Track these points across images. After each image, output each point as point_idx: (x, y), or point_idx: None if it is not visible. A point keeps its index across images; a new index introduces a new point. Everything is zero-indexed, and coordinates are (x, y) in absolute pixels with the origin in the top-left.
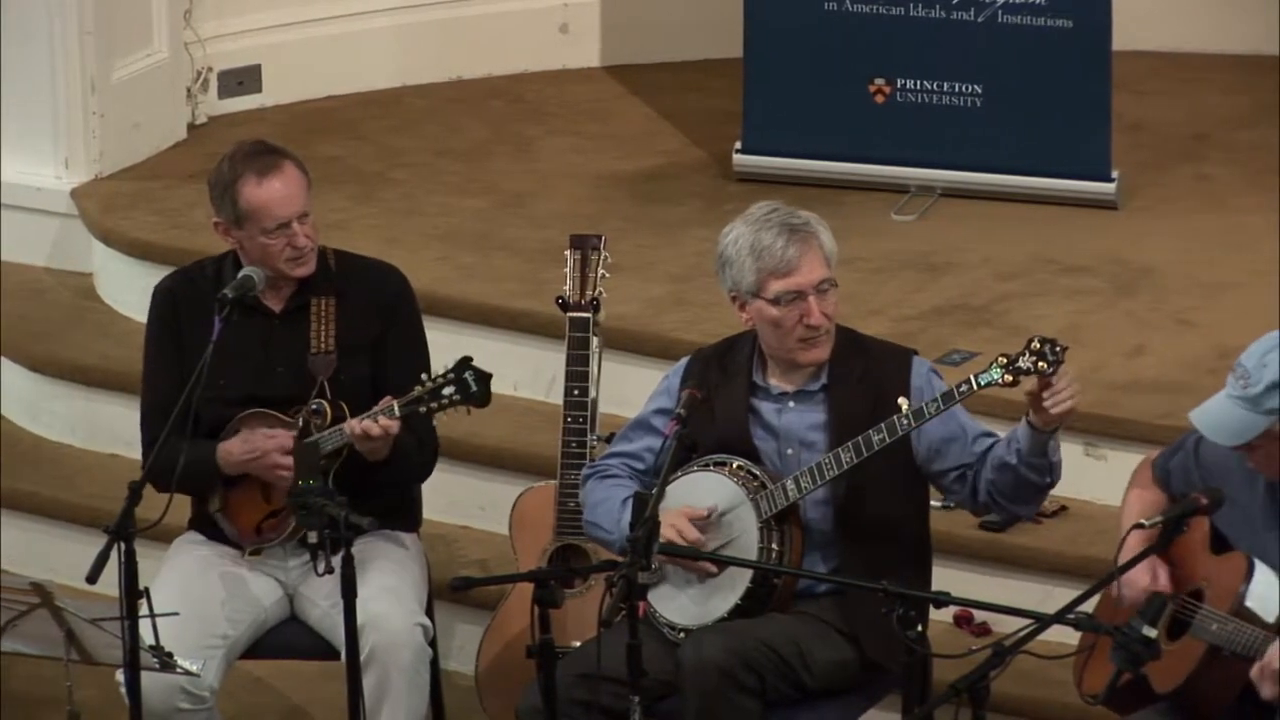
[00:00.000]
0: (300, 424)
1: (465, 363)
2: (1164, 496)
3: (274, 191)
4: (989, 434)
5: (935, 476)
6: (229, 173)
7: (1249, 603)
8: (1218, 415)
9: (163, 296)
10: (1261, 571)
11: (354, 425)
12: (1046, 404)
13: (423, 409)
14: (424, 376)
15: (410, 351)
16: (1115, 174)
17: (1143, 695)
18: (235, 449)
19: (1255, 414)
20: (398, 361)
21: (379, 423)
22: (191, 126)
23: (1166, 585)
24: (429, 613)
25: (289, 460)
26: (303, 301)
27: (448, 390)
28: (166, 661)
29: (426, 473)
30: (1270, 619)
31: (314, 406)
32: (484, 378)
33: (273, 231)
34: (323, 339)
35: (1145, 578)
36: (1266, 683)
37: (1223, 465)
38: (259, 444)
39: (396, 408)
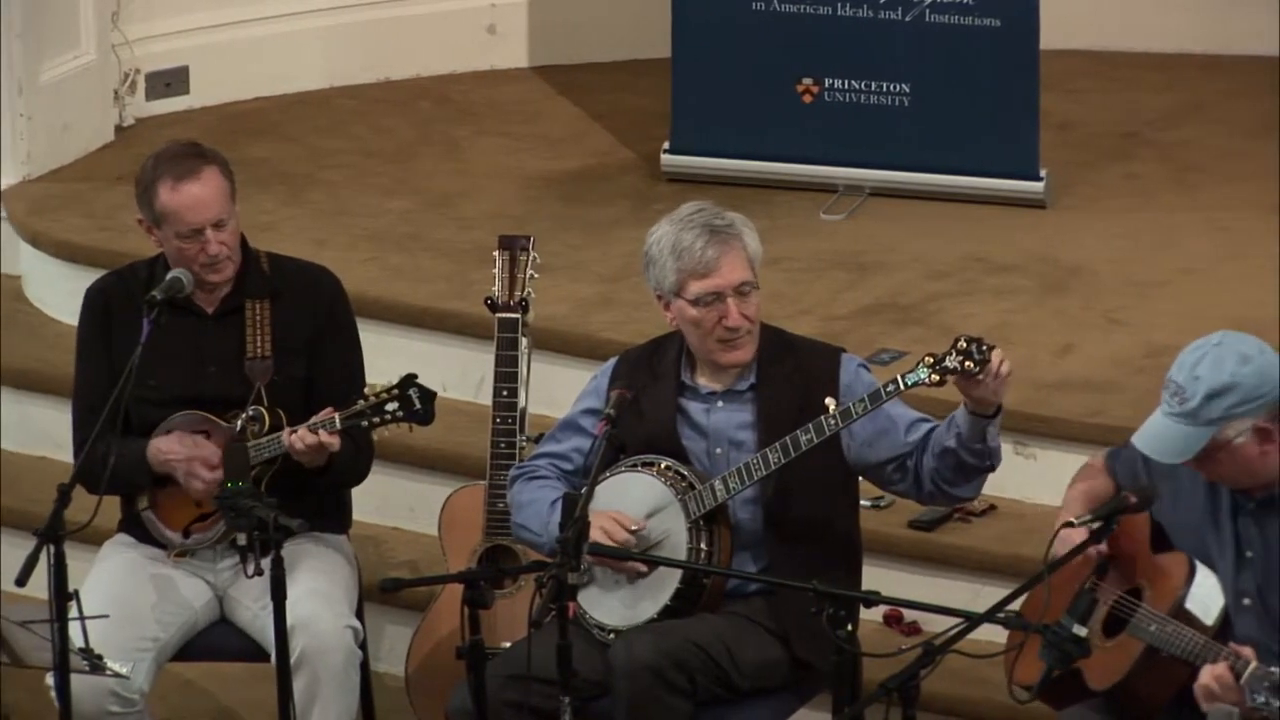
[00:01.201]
0: (238, 429)
1: (410, 379)
2: (1112, 488)
3: (188, 197)
4: (924, 419)
5: (872, 470)
6: (150, 172)
7: (1189, 605)
8: (1160, 435)
9: (94, 297)
10: (1202, 574)
11: (293, 439)
12: (982, 387)
13: (364, 423)
14: (366, 390)
15: (345, 354)
16: (1044, 173)
17: (1077, 689)
18: (164, 446)
19: (1196, 427)
20: (333, 364)
21: (320, 437)
22: (119, 128)
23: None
24: (359, 614)
25: (208, 474)
26: (237, 304)
27: (391, 406)
28: (96, 664)
29: (361, 478)
30: (1209, 622)
31: (251, 413)
32: (429, 396)
33: (186, 236)
34: (259, 344)
35: (1082, 566)
36: (1206, 700)
37: (1169, 464)
38: (185, 450)
39: (338, 421)
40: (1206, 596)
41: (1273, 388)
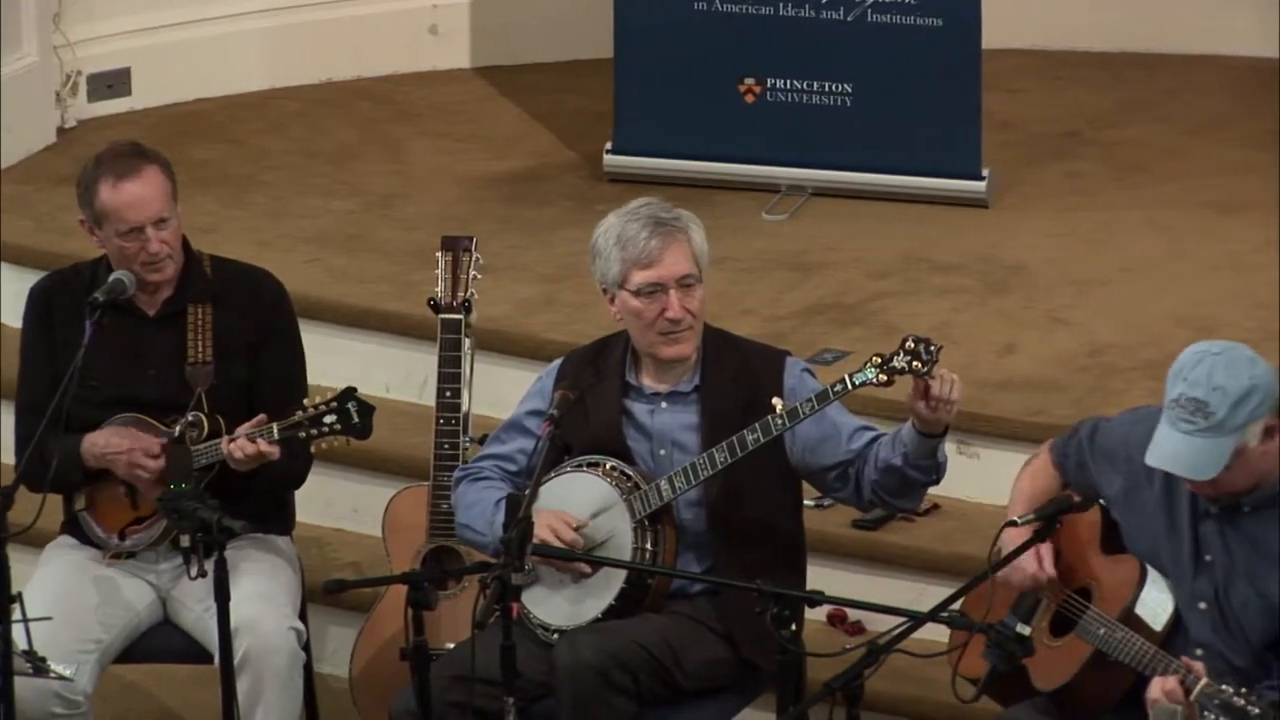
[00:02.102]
0: (177, 434)
1: (349, 393)
2: (1056, 479)
3: (128, 195)
4: (867, 428)
5: (814, 475)
6: (92, 172)
7: (1138, 610)
8: (1189, 455)
9: (38, 297)
10: (1153, 580)
11: (231, 447)
12: (934, 410)
13: (302, 434)
14: (305, 401)
15: (287, 360)
16: (986, 172)
17: (1022, 688)
18: (100, 440)
19: (1224, 437)
20: (274, 370)
21: (258, 446)
22: (61, 130)
23: (1051, 573)
24: (302, 616)
25: (151, 463)
26: (179, 307)
27: (329, 419)
28: (40, 666)
29: (299, 483)
30: (1158, 628)
31: (191, 419)
32: (367, 410)
33: (126, 235)
34: (200, 348)
35: (1031, 567)
36: (1155, 711)
37: (1122, 457)
38: (125, 442)
39: (275, 431)
40: (1156, 603)
41: (1276, 384)
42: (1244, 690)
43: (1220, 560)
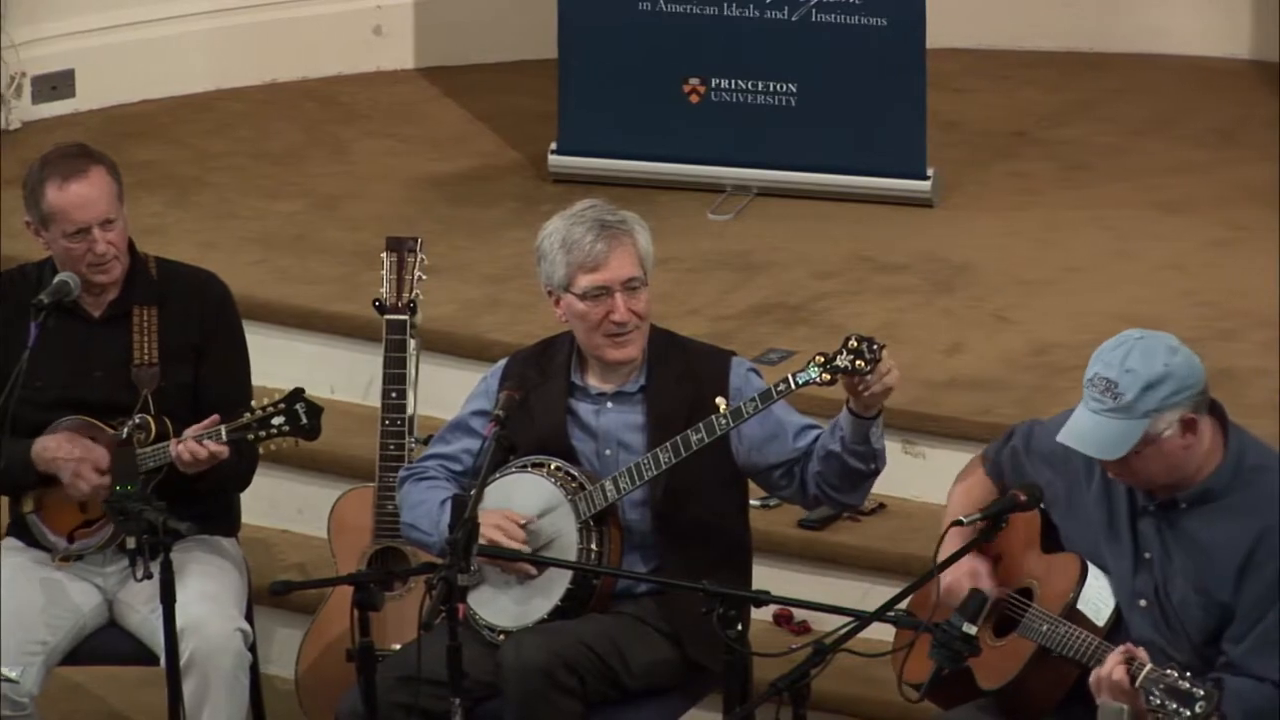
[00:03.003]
0: (124, 437)
1: (297, 394)
2: (993, 489)
3: (75, 196)
4: (812, 426)
5: (760, 474)
6: (38, 173)
7: (1080, 606)
8: (1093, 433)
9: None
10: (1094, 575)
11: (179, 449)
12: (862, 388)
13: (250, 436)
14: (254, 404)
15: (232, 361)
16: (931, 171)
17: (967, 689)
18: (52, 444)
19: (1132, 420)
20: (220, 371)
21: (207, 449)
22: (5, 132)
23: (988, 583)
24: (248, 617)
25: (94, 479)
26: (124, 309)
27: (277, 420)
28: None
29: (245, 484)
30: (1101, 623)
31: (137, 421)
32: (315, 411)
33: (73, 236)
34: (145, 350)
35: (965, 579)
36: (1105, 693)
37: (1060, 458)
38: (77, 451)
39: (224, 432)
40: (1097, 597)
41: (1198, 378)
42: (1188, 674)
43: (1159, 558)
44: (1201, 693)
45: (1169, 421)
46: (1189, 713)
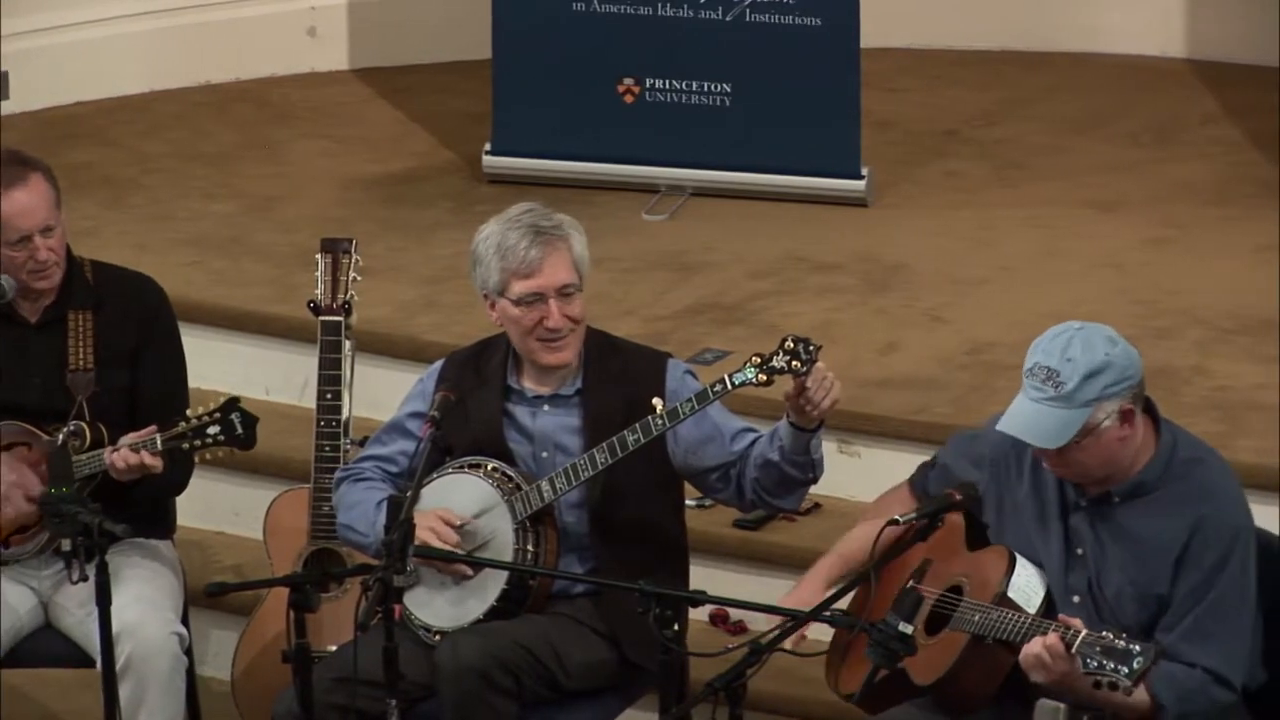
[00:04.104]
0: (59, 443)
1: (233, 403)
2: (911, 501)
3: (15, 204)
4: (749, 429)
5: (696, 476)
6: None
7: (1010, 594)
8: (1034, 421)
9: None
10: (1022, 564)
11: (114, 458)
12: (807, 406)
13: (185, 445)
14: (189, 412)
15: (168, 365)
16: (865, 171)
17: (900, 690)
18: None
19: (1072, 410)
20: (156, 375)
21: (141, 458)
22: None
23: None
24: (184, 619)
25: (25, 507)
26: (60, 314)
27: (212, 430)
28: None
29: (180, 490)
30: (1032, 609)
31: (72, 428)
32: (250, 421)
33: (15, 244)
34: (81, 355)
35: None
36: (1039, 669)
37: (989, 459)
38: (13, 475)
39: (159, 441)
40: (1027, 585)
41: (1137, 369)
42: (1124, 635)
43: (1093, 553)
44: (1138, 648)
45: (1108, 411)
46: (1127, 669)
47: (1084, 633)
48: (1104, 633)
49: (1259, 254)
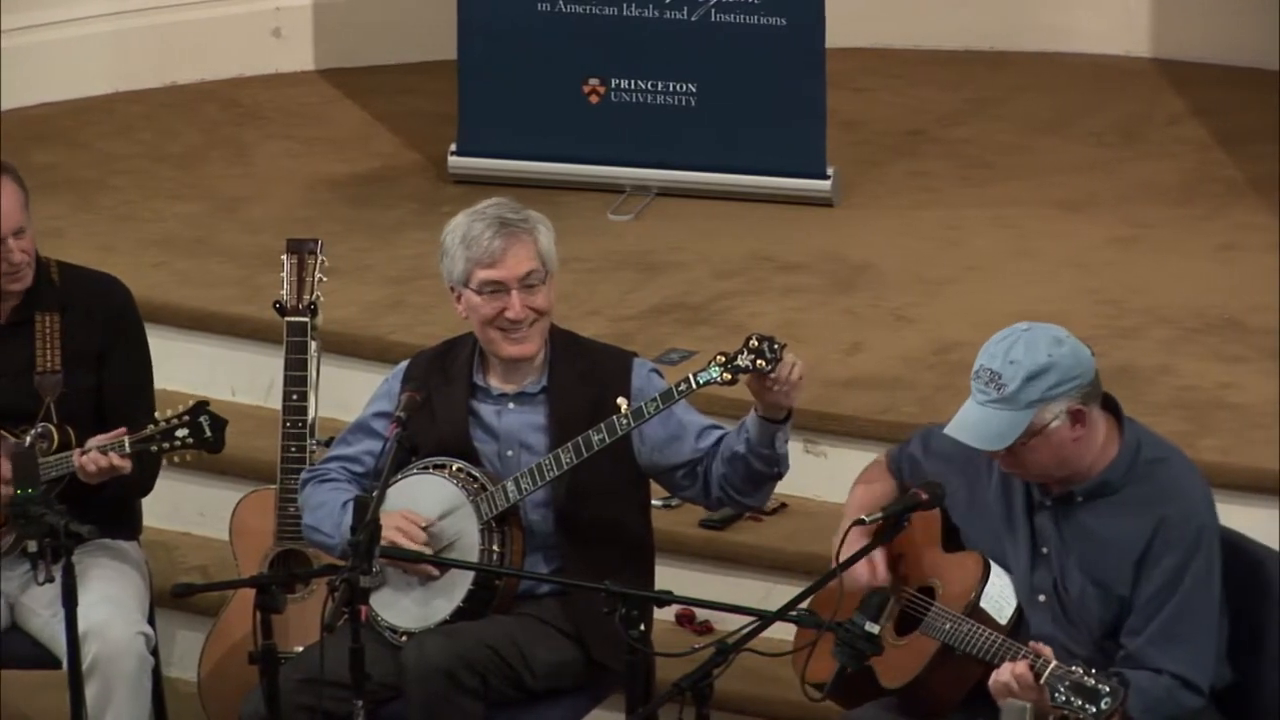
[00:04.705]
0: (27, 446)
1: (201, 406)
2: (894, 489)
3: None
4: (715, 427)
5: (663, 475)
6: None
7: (983, 604)
8: (979, 424)
9: None
10: (996, 573)
11: (83, 460)
12: (775, 386)
13: (154, 448)
14: (157, 415)
15: (135, 367)
16: (831, 171)
17: (868, 689)
18: None
19: (1016, 411)
20: (122, 377)
21: (109, 460)
22: None
23: (885, 578)
24: (150, 620)
25: None
26: (26, 315)
27: (181, 433)
28: None
29: (146, 491)
30: (1003, 620)
31: (40, 430)
32: (219, 424)
33: None
34: (48, 357)
35: (865, 573)
36: (1004, 698)
37: (960, 457)
38: None
39: (127, 444)
40: (1000, 595)
41: (1086, 369)
42: (1093, 670)
43: (1057, 552)
44: (1107, 689)
45: (1055, 413)
46: (1094, 709)
47: (1054, 664)
48: (1073, 667)
49: (1224, 253)
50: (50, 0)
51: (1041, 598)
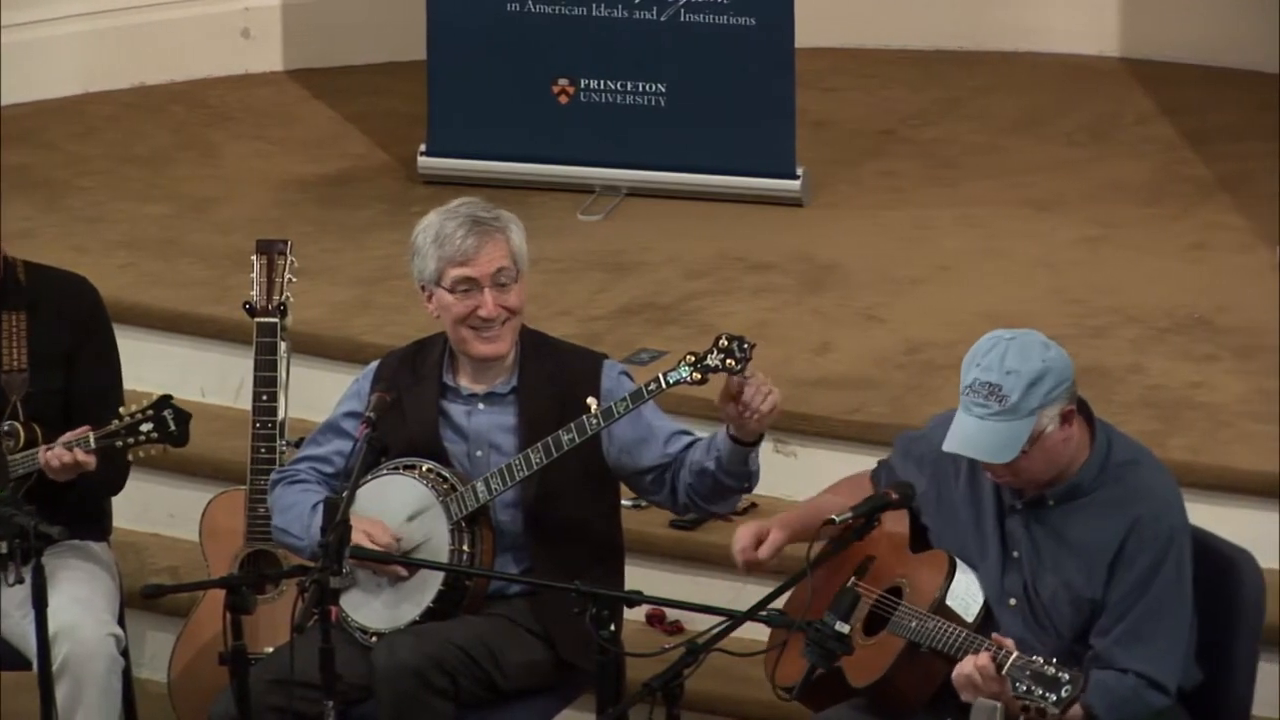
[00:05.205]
0: None
1: (165, 400)
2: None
3: None
4: (684, 432)
5: (630, 477)
6: None
7: (949, 602)
8: (984, 438)
9: None
10: (962, 571)
11: (49, 456)
12: (745, 412)
13: (119, 443)
14: (121, 410)
15: (103, 366)
16: (800, 171)
17: (838, 690)
18: None
19: (1019, 420)
20: (90, 377)
21: (74, 456)
22: None
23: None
24: (121, 621)
25: None
26: None
27: (145, 427)
28: None
29: (116, 490)
30: (970, 618)
31: (6, 428)
32: (184, 417)
33: None
34: (15, 356)
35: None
36: (969, 690)
37: (929, 460)
38: None
39: (92, 440)
40: (966, 593)
41: (1071, 370)
42: (1054, 660)
43: (1028, 556)
44: (1067, 677)
45: (1050, 417)
46: (1055, 697)
47: (1015, 655)
48: (1035, 657)
49: (1194, 252)
50: (19, 1)
51: (1012, 601)
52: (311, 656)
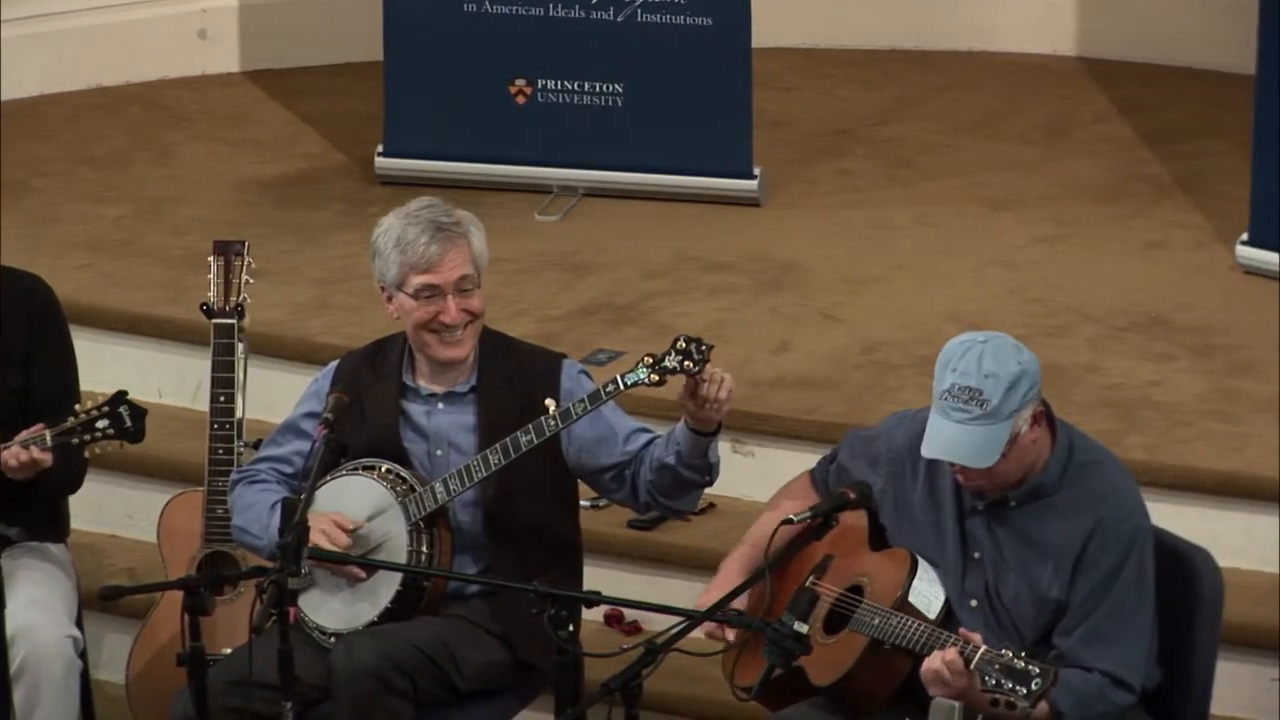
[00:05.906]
0: None
1: (121, 396)
2: (815, 497)
3: None
4: (644, 430)
5: (591, 476)
6: None
7: (911, 598)
8: (966, 443)
9: None
10: (924, 568)
11: (5, 455)
12: (704, 404)
13: (75, 440)
14: (77, 408)
15: (59, 366)
16: (757, 171)
17: (798, 689)
18: None
19: (999, 423)
20: (46, 376)
21: (31, 454)
22: None
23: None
24: (78, 623)
25: None
26: None
27: (101, 424)
28: None
29: (75, 488)
30: (932, 615)
31: None
32: (140, 413)
33: None
34: None
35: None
36: (937, 684)
37: (884, 460)
38: None
39: (49, 438)
40: (928, 590)
41: (1039, 369)
42: (1023, 654)
43: (990, 557)
44: (1037, 670)
45: (1025, 418)
46: (1025, 690)
47: (983, 649)
48: (1003, 650)
49: (1151, 251)
50: None
51: (973, 603)
52: (270, 657)
